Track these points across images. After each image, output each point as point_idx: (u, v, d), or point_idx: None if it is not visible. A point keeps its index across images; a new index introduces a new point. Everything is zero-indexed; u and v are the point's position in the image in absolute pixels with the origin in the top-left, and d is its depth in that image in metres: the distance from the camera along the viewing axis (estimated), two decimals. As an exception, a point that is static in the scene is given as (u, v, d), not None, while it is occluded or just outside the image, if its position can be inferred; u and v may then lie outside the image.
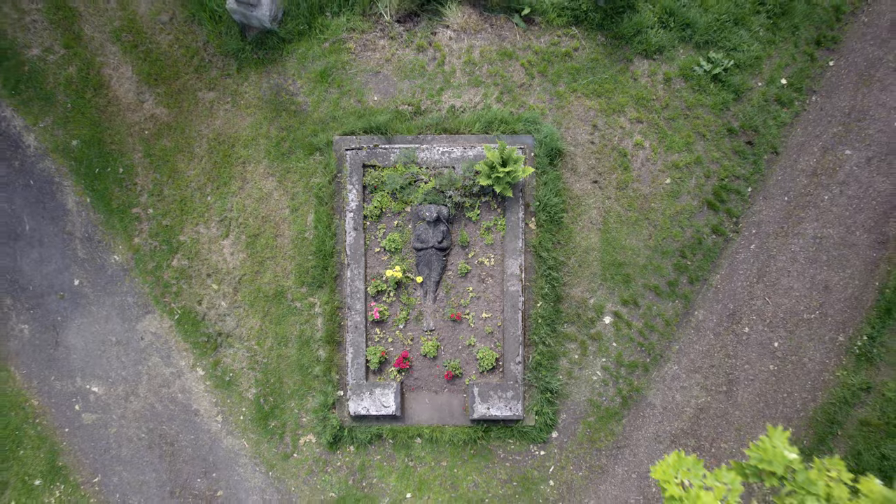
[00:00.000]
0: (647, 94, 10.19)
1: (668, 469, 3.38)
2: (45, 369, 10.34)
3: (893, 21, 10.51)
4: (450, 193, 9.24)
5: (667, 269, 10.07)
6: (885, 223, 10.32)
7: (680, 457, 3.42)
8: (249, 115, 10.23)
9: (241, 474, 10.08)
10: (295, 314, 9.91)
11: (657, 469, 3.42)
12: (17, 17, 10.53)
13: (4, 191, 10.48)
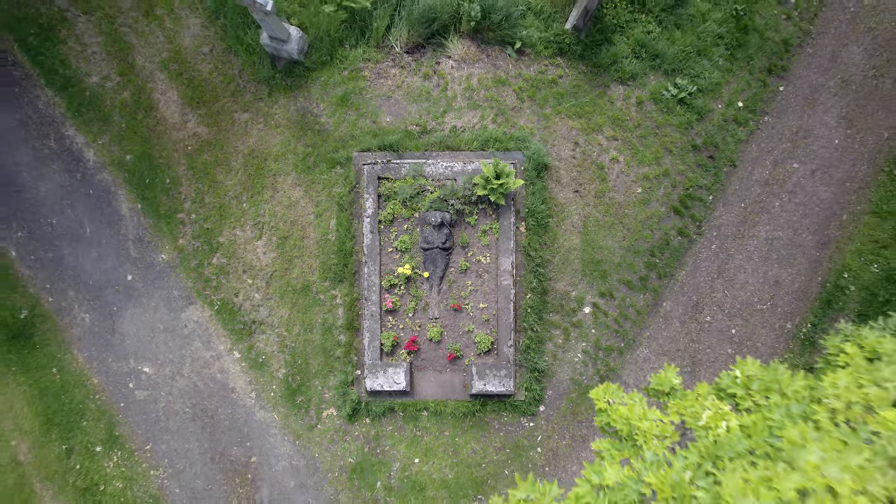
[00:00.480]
0: (621, 116, 11.95)
1: (600, 394, 5.10)
2: (103, 352, 12.11)
3: (834, 52, 12.28)
4: (452, 202, 11.01)
5: (638, 266, 11.82)
6: (827, 227, 12.07)
7: (608, 385, 5.13)
8: (279, 134, 12.01)
9: (272, 443, 11.82)
10: (319, 305, 11.67)
11: (594, 392, 5.15)
12: (80, 50, 12.33)
13: (68, 198, 12.26)
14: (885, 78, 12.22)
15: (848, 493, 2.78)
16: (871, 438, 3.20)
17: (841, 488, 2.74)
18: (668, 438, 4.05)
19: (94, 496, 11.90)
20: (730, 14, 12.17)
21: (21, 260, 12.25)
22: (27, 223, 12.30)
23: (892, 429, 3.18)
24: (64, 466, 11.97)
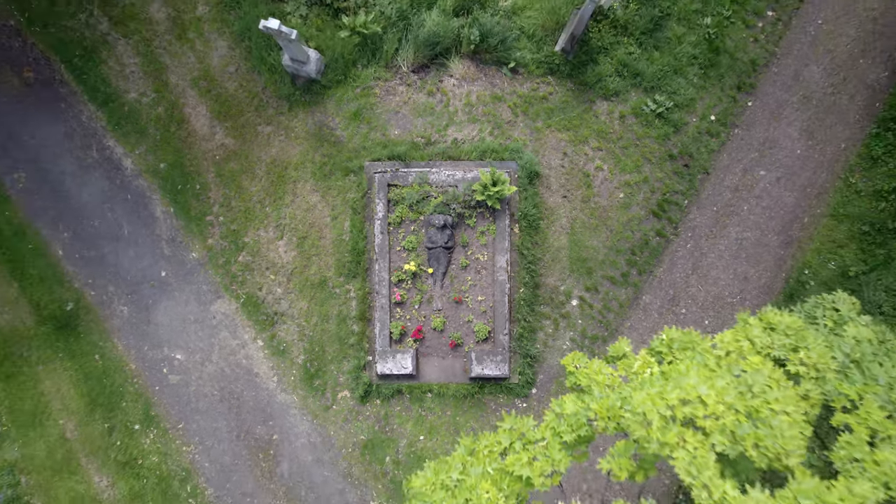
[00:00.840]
0: (605, 128, 13.45)
1: (569, 360, 6.56)
2: (140, 341, 13.60)
3: (796, 71, 13.77)
4: (453, 206, 12.49)
5: (620, 263, 13.30)
6: (790, 228, 13.55)
7: (576, 353, 6.58)
8: (298, 145, 13.52)
9: (292, 422, 13.30)
10: (334, 298, 13.16)
11: (565, 359, 6.59)
12: (119, 69, 13.84)
13: (109, 203, 13.76)
14: (841, 94, 13.70)
15: (713, 402, 4.21)
16: (740, 373, 4.62)
17: (708, 399, 4.16)
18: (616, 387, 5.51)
19: (133, 469, 13.38)
20: (703, 37, 13.66)
21: (67, 258, 13.76)
22: (72, 225, 13.81)
23: (753, 368, 4.60)
24: (106, 443, 13.46)
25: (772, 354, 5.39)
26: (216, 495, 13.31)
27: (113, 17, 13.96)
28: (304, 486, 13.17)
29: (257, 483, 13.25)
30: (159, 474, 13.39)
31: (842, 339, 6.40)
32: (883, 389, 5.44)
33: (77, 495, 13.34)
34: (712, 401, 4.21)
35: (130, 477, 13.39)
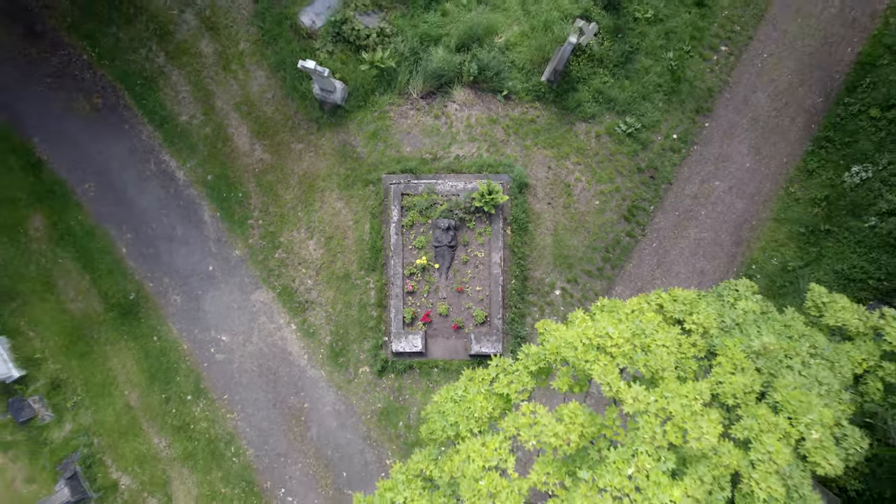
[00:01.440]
0: (584, 146, 16.22)
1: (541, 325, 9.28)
2: (191, 325, 16.37)
3: (746, 97, 16.54)
4: (456, 212, 15.27)
5: (596, 259, 16.06)
6: (741, 230, 16.30)
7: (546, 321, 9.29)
8: (325, 160, 16.30)
9: (320, 393, 16.05)
10: (356, 288, 15.93)
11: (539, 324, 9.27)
12: (174, 95, 16.64)
13: (164, 209, 16.55)
14: (783, 117, 16.47)
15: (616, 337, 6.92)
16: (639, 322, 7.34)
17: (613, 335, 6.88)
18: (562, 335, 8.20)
19: (186, 433, 16.15)
20: (666, 68, 16.44)
21: (129, 255, 16.55)
22: (133, 227, 16.60)
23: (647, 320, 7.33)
24: (163, 410, 16.24)
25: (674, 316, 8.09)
26: (255, 455, 16.06)
27: (168, 52, 16.76)
28: (330, 447, 15.92)
29: (290, 445, 16.01)
30: (208, 437, 16.15)
31: (734, 309, 9.13)
32: (748, 339, 8.14)
33: (140, 454, 16.12)
34: (616, 336, 6.92)
35: (184, 439, 16.16)
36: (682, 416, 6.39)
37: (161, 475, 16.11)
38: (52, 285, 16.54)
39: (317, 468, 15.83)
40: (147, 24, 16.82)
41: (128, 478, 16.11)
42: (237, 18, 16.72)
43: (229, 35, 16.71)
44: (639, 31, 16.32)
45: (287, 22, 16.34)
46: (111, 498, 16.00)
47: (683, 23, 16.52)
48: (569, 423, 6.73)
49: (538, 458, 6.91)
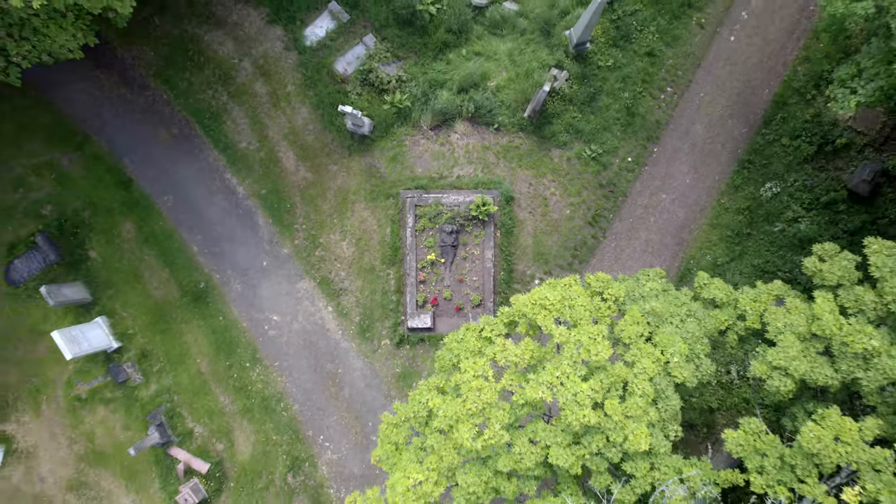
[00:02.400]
0: (558, 167, 21.24)
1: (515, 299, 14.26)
2: (249, 308, 21.41)
3: (686, 128, 21.53)
4: (457, 219, 20.30)
5: (567, 256, 21.06)
6: (682, 233, 21.29)
7: (518, 295, 14.23)
8: (355, 178, 21.35)
9: (351, 361, 21.07)
10: (380, 279, 20.96)
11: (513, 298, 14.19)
12: (234, 127, 21.72)
13: (227, 216, 21.60)
14: (715, 144, 21.47)
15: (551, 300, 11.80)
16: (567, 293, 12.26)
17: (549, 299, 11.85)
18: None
19: (245, 393, 21.18)
20: (623, 105, 21.46)
21: (199, 253, 21.59)
22: (203, 231, 21.65)
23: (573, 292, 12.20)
24: (227, 375, 21.28)
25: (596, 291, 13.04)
26: (300, 410, 21.08)
27: (230, 92, 21.85)
28: (359, 403, 20.95)
29: (327, 401, 21.03)
30: (262, 396, 21.18)
31: (643, 287, 14.10)
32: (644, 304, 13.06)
33: (209, 409, 21.16)
34: (552, 299, 11.87)
35: (243, 397, 21.20)
36: (588, 344, 11.39)
37: (225, 425, 21.16)
38: (140, 276, 21.61)
39: (348, 419, 20.87)
40: (213, 70, 21.90)
41: (200, 427, 21.16)
42: (285, 66, 21.79)
43: (279, 79, 21.79)
44: (601, 76, 21.35)
45: (324, 69, 21.41)
46: (188, 442, 21.07)
47: (637, 69, 21.53)
48: (524, 350, 11.75)
49: (507, 371, 11.93)
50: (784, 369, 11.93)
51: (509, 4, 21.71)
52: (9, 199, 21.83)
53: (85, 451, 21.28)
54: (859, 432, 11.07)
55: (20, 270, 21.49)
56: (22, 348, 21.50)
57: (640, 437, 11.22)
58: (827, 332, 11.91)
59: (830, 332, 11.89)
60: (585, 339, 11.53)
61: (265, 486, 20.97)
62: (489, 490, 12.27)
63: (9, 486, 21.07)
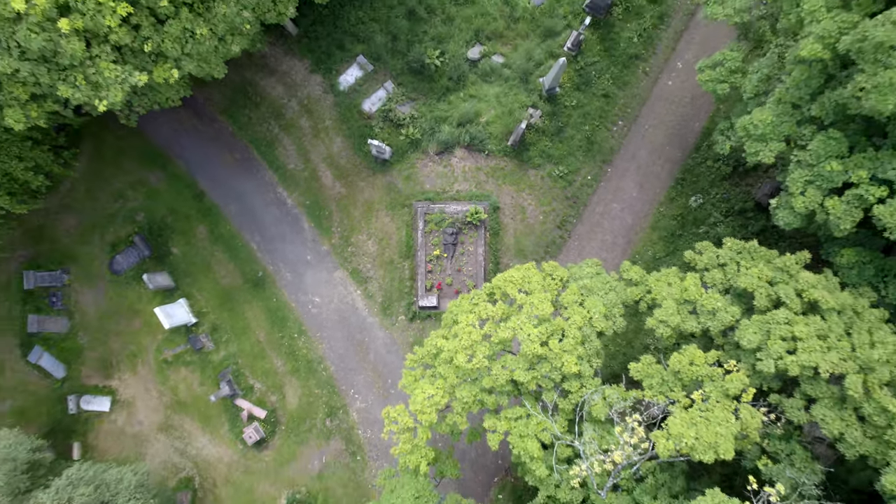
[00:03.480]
0: (533, 184, 28.67)
1: (496, 278, 21.51)
2: (297, 292, 28.86)
3: (633, 153, 28.93)
4: (457, 224, 27.75)
5: (540, 252, 28.47)
6: (629, 234, 28.70)
7: (499, 275, 21.46)
8: (378, 192, 28.79)
9: (375, 332, 28.50)
10: (397, 269, 28.40)
11: (496, 278, 21.40)
12: (284, 151, 29.18)
13: (279, 222, 29.04)
14: (656, 165, 28.86)
15: (516, 279, 19.05)
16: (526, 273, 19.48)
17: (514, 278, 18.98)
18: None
19: (293, 357, 28.60)
20: (584, 136, 28.86)
21: (258, 250, 29.05)
22: (260, 232, 29.10)
23: (530, 274, 19.45)
24: (279, 343, 28.74)
25: (549, 273, 20.30)
26: (335, 370, 28.50)
27: (281, 125, 29.29)
28: (381, 364, 28.35)
29: (357, 363, 28.44)
30: (307, 359, 28.60)
31: (583, 271, 21.42)
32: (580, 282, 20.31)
33: (265, 369, 28.59)
34: (516, 277, 19.06)
35: (292, 360, 28.62)
36: (538, 305, 18.74)
37: (278, 382, 28.58)
38: (211, 268, 29.06)
39: (373, 377, 28.27)
40: (267, 108, 29.35)
41: (259, 383, 28.58)
42: (323, 105, 29.25)
43: (319, 115, 29.25)
44: (567, 113, 28.76)
45: (354, 108, 28.86)
46: (249, 395, 28.48)
47: (595, 108, 28.94)
48: (498, 308, 19.14)
49: (487, 322, 19.32)
50: (665, 322, 19.25)
51: (496, 58, 29.17)
52: (111, 208, 29.29)
53: (171, 401, 28.71)
54: (705, 359, 18.37)
55: (121, 263, 28.95)
56: (122, 323, 28.97)
57: (570, 363, 18.55)
58: (692, 298, 19.28)
59: (695, 298, 19.26)
60: (536, 301, 18.91)
61: (308, 428, 28.39)
62: (476, 402, 19.64)
63: (115, 427, 28.52)
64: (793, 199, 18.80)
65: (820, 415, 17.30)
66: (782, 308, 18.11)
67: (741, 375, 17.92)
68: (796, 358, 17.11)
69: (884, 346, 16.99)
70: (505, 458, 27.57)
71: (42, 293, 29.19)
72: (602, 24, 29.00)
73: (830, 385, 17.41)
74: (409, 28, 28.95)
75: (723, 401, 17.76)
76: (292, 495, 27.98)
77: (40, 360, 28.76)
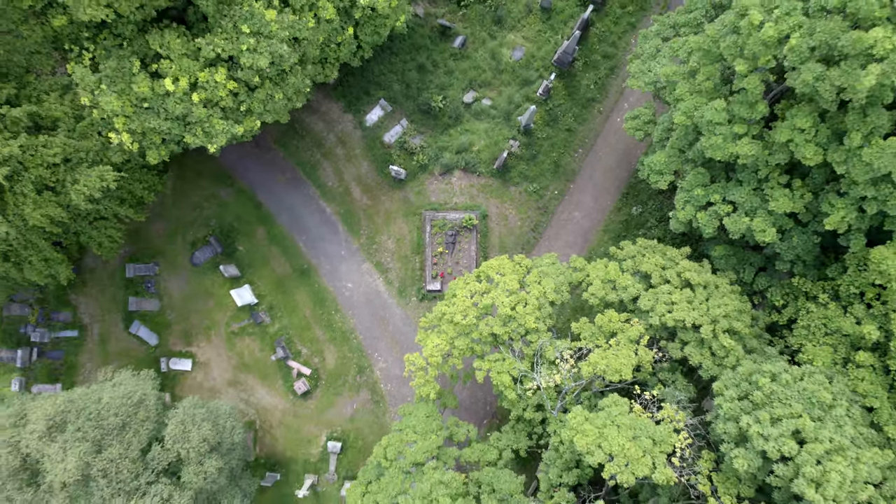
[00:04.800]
0: (514, 197, 39.65)
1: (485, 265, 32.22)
2: (333, 279, 39.85)
3: (590, 173, 39.92)
4: (455, 228, 38.71)
5: (518, 249, 39.44)
6: (587, 236, 39.71)
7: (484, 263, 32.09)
8: (396, 204, 39.76)
9: (393, 310, 39.45)
10: (410, 262, 39.38)
11: (485, 264, 32.00)
12: (324, 172, 40.17)
13: (321, 226, 40.03)
14: (608, 183, 39.84)
15: (492, 268, 29.65)
16: (501, 262, 29.99)
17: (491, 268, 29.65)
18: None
19: (331, 328, 39.57)
20: (552, 161, 39.83)
21: (304, 247, 40.07)
22: (305, 234, 40.11)
23: (503, 264, 30.01)
24: (320, 318, 39.70)
25: (519, 262, 30.98)
26: (363, 338, 39.48)
27: (321, 152, 40.31)
28: (398, 334, 39.33)
29: (380, 333, 39.42)
30: (342, 330, 39.59)
31: (542, 261, 32.18)
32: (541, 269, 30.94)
33: (310, 338, 39.59)
34: (494, 265, 29.73)
35: (330, 331, 39.60)
36: (510, 282, 29.53)
37: (319, 348, 39.55)
38: (268, 261, 40.05)
39: (392, 344, 39.26)
40: (311, 139, 40.35)
41: (305, 348, 39.55)
42: (354, 137, 40.23)
43: (350, 145, 40.23)
44: (539, 143, 39.72)
45: (377, 140, 39.85)
46: (298, 357, 39.45)
47: (560, 139, 39.90)
48: (482, 286, 30.04)
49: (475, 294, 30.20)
50: (595, 295, 30.06)
51: (485, 101, 40.14)
52: (190, 216, 40.25)
53: (237, 363, 39.63)
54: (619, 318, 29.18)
55: (198, 257, 39.87)
56: (200, 303, 39.90)
57: (530, 322, 29.34)
58: (613, 278, 30.15)
59: (614, 279, 30.13)
60: (508, 281, 29.76)
61: (342, 383, 39.31)
62: (468, 349, 30.50)
63: (195, 382, 39.44)
64: (678, 213, 29.68)
65: (688, 352, 28.13)
66: (667, 284, 28.97)
67: (640, 327, 28.77)
68: (673, 315, 27.94)
69: (727, 307, 27.82)
70: (491, 405, 38.46)
71: (139, 280, 40.13)
72: (566, 75, 39.98)
73: (695, 332, 28.27)
74: (419, 78, 39.91)
75: (627, 344, 28.57)
76: (330, 434, 38.87)
77: (138, 332, 39.68)
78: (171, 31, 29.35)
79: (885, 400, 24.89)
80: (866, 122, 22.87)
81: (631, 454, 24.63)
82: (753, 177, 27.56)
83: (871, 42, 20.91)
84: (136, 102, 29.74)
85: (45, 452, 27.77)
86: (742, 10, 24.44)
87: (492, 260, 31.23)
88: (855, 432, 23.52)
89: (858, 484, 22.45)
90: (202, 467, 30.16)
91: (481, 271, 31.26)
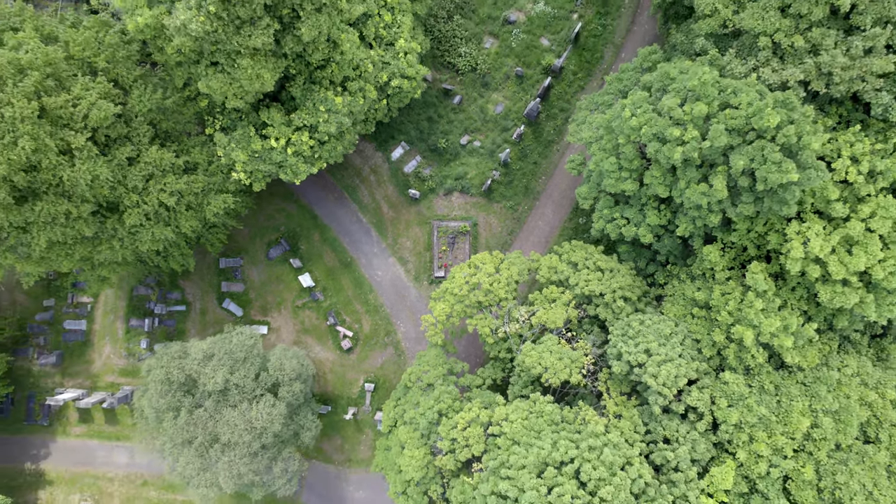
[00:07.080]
0: (496, 211, 61.06)
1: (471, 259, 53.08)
2: (369, 269, 61.27)
3: (550, 192, 61.26)
4: (455, 233, 60.03)
5: (499, 248, 60.79)
6: (548, 238, 61.11)
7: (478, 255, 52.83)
8: (413, 216, 61.16)
9: (411, 291, 60.85)
10: (423, 257, 60.79)
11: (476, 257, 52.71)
12: (361, 193, 61.58)
13: (359, 232, 61.49)
14: (564, 200, 61.25)
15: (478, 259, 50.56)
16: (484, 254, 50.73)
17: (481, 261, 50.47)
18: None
19: (367, 305, 60.99)
20: (524, 185, 61.15)
21: (348, 246, 61.65)
22: (348, 237, 61.54)
23: (485, 258, 50.77)
24: (360, 297, 61.23)
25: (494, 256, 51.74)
26: (390, 310, 61.04)
27: (359, 179, 61.75)
28: (414, 308, 60.88)
29: (401, 308, 60.84)
30: (374, 305, 61.08)
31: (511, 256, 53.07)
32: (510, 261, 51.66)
33: (353, 311, 61.10)
34: (479, 257, 50.66)
35: (366, 306, 61.08)
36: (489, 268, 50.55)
37: (359, 318, 61.02)
38: (322, 256, 61.53)
39: (410, 314, 60.73)
40: (352, 169, 61.89)
41: (349, 318, 61.06)
42: (382, 168, 61.67)
43: (380, 174, 61.60)
44: (514, 172, 61.05)
45: (399, 171, 61.26)
46: (344, 324, 60.94)
47: (530, 169, 61.25)
48: (472, 270, 51.24)
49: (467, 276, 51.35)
50: (543, 276, 51.06)
51: (476, 143, 61.45)
52: (265, 223, 61.68)
53: (300, 328, 60.97)
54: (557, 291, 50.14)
55: (272, 254, 61.21)
56: (272, 286, 61.27)
57: (501, 293, 50.33)
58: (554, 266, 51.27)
59: (556, 265, 51.25)
60: (489, 267, 50.81)
61: (375, 342, 60.69)
62: (463, 312, 51.64)
63: (270, 342, 60.90)
64: (595, 224, 50.80)
65: (598, 311, 49.14)
66: (586, 270, 50.07)
67: (569, 295, 49.81)
68: (588, 287, 48.95)
69: (622, 281, 48.86)
70: (479, 356, 59.64)
71: (229, 270, 61.39)
72: (533, 124, 61.28)
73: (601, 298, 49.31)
74: (429, 127, 61.15)
75: (561, 306, 49.54)
76: (366, 378, 60.11)
77: (229, 307, 60.94)
78: (274, 109, 50.42)
79: (705, 335, 45.93)
80: (686, 175, 43.89)
81: (557, 367, 45.60)
82: (638, 202, 48.59)
83: (679, 133, 41.85)
84: (251, 153, 50.77)
85: (201, 372, 48.83)
86: (622, 106, 45.44)
87: (478, 255, 52.37)
88: (682, 350, 44.58)
89: (680, 379, 43.40)
90: (291, 387, 51.24)
91: (472, 262, 52.35)
